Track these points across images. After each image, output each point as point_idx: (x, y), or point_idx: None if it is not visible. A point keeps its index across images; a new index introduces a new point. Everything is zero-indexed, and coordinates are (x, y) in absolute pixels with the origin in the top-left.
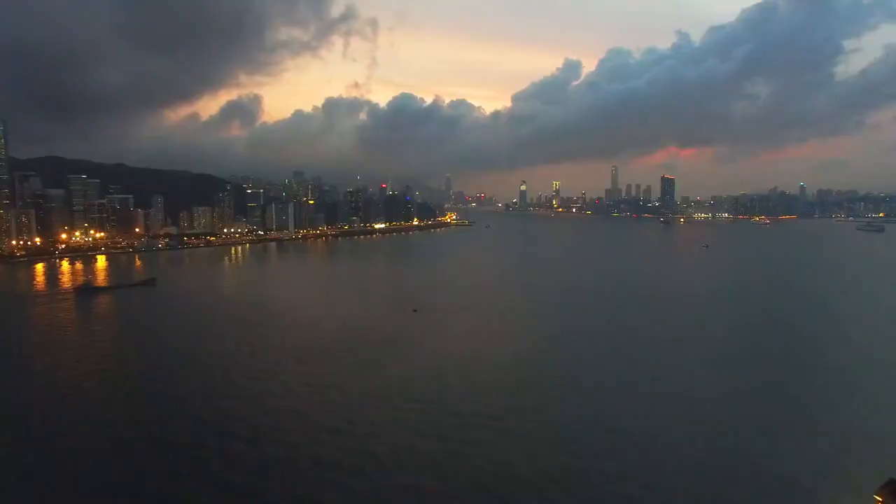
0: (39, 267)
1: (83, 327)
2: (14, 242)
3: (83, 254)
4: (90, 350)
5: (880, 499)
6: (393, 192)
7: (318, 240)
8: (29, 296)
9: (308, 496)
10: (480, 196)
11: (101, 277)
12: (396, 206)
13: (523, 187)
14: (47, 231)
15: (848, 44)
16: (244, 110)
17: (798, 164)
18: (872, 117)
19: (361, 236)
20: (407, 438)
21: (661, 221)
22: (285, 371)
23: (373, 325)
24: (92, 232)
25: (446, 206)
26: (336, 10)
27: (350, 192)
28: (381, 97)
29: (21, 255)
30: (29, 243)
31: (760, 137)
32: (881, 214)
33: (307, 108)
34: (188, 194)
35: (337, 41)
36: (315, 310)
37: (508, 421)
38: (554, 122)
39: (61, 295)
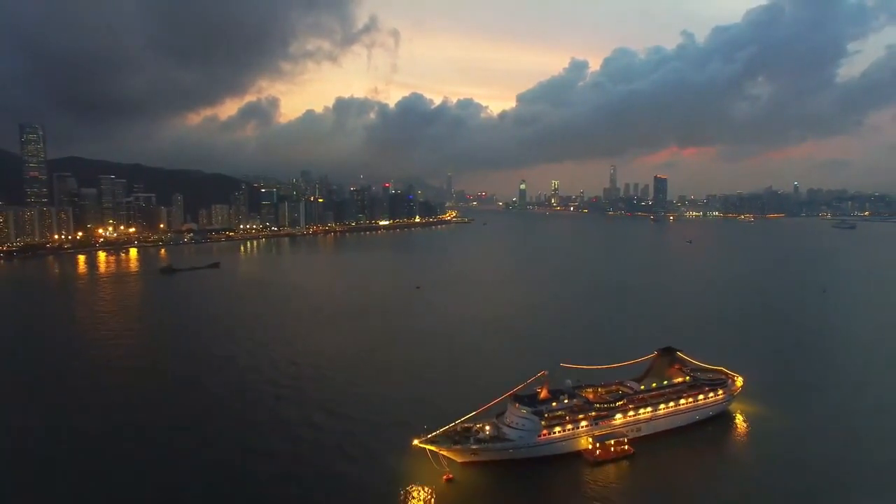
0: (82, 258)
1: (179, 294)
2: (56, 237)
3: (118, 246)
4: (188, 309)
5: (656, 353)
6: (396, 190)
7: (328, 235)
8: (124, 275)
9: (338, 394)
10: (481, 194)
11: (172, 262)
12: (400, 204)
13: (523, 186)
14: (81, 226)
15: (851, 46)
16: (262, 112)
17: (798, 164)
18: (872, 118)
19: (367, 232)
20: (411, 356)
21: (651, 219)
22: (323, 327)
23: (383, 298)
24: (122, 228)
25: (447, 204)
26: (360, 21)
27: (355, 190)
28: (391, 97)
29: (68, 248)
30: (69, 237)
31: (761, 137)
32: (866, 213)
33: (319, 109)
34: (203, 193)
35: (358, 50)
36: (336, 289)
37: (483, 345)
38: (558, 123)
39: (150, 274)
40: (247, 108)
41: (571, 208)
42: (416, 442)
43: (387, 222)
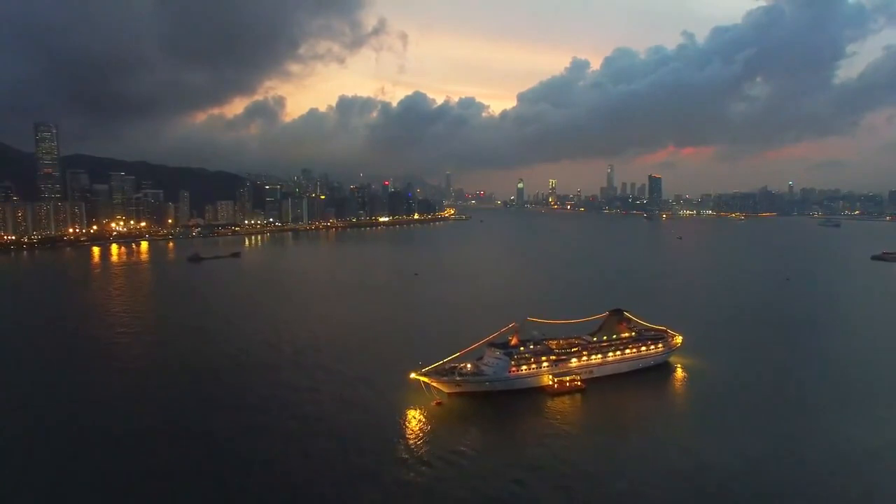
0: (97, 250)
1: (209, 278)
2: (71, 230)
3: (130, 239)
4: (221, 290)
5: (607, 313)
6: (395, 188)
7: (330, 231)
8: (156, 263)
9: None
10: (480, 193)
11: (199, 252)
12: (399, 202)
13: (521, 185)
14: (93, 221)
15: (850, 47)
16: (268, 111)
17: (794, 164)
18: (868, 119)
19: (367, 228)
20: (409, 322)
21: (645, 218)
22: (331, 303)
23: (385, 283)
24: (132, 222)
25: (446, 202)
26: (369, 24)
27: (355, 188)
28: (394, 96)
29: (84, 241)
30: (84, 231)
31: (759, 138)
32: (856, 212)
33: (323, 108)
34: (207, 189)
35: (366, 52)
36: (341, 276)
37: (470, 314)
38: (558, 122)
39: (180, 262)
40: (253, 107)
41: (568, 207)
42: (412, 375)
43: (386, 219)
